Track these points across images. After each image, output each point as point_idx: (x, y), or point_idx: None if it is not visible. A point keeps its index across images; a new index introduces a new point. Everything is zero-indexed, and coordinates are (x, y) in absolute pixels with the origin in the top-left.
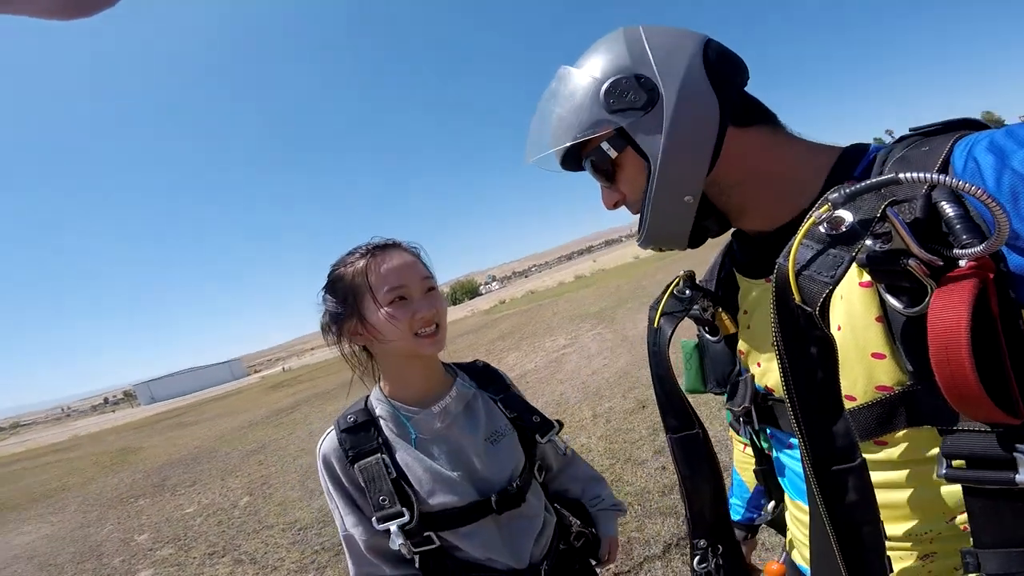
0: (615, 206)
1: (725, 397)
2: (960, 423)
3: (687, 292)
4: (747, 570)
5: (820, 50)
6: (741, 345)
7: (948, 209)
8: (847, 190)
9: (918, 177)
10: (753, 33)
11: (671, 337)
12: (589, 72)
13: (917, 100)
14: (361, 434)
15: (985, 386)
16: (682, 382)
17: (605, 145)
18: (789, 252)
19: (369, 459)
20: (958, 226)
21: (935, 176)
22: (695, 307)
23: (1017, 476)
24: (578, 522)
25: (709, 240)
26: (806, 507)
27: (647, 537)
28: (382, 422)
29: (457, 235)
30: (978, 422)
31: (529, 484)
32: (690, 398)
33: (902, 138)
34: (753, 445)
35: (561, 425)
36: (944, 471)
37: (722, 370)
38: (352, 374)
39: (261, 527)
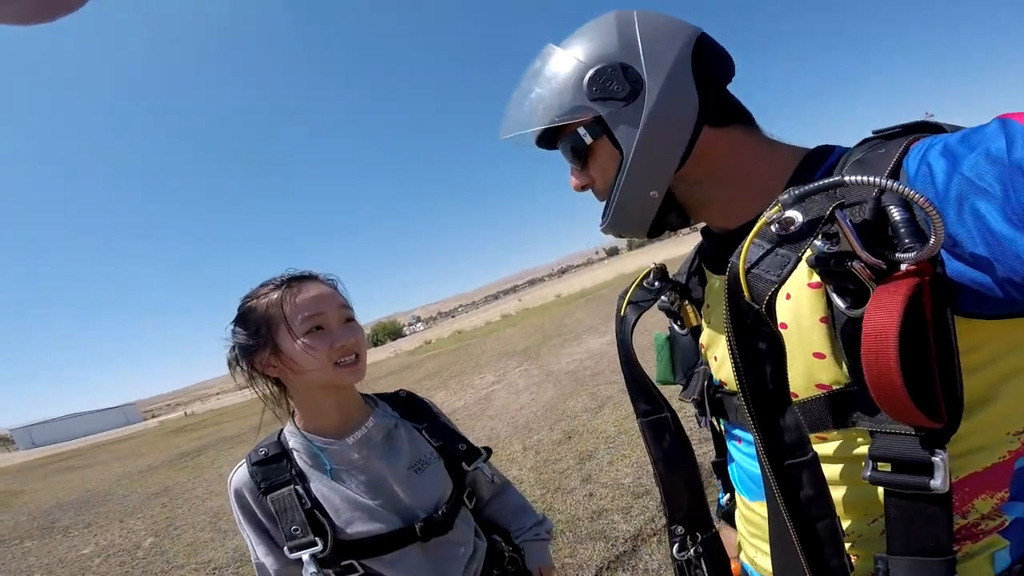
0: (582, 189)
1: (681, 389)
2: (888, 425)
3: (656, 284)
4: (727, 560)
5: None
6: (702, 338)
7: (895, 213)
8: (796, 191)
9: (861, 180)
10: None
11: (635, 324)
12: (575, 55)
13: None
14: (273, 466)
15: (913, 390)
16: (654, 373)
17: (582, 131)
18: (741, 250)
19: (281, 490)
20: (902, 230)
21: (878, 179)
22: (663, 299)
23: (932, 481)
24: (510, 548)
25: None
26: (751, 503)
27: (579, 562)
28: (295, 454)
29: (379, 276)
30: (903, 425)
31: (457, 511)
32: (664, 389)
33: (864, 140)
34: (714, 435)
35: (489, 452)
36: (868, 473)
37: (689, 362)
38: (262, 414)
39: (170, 567)
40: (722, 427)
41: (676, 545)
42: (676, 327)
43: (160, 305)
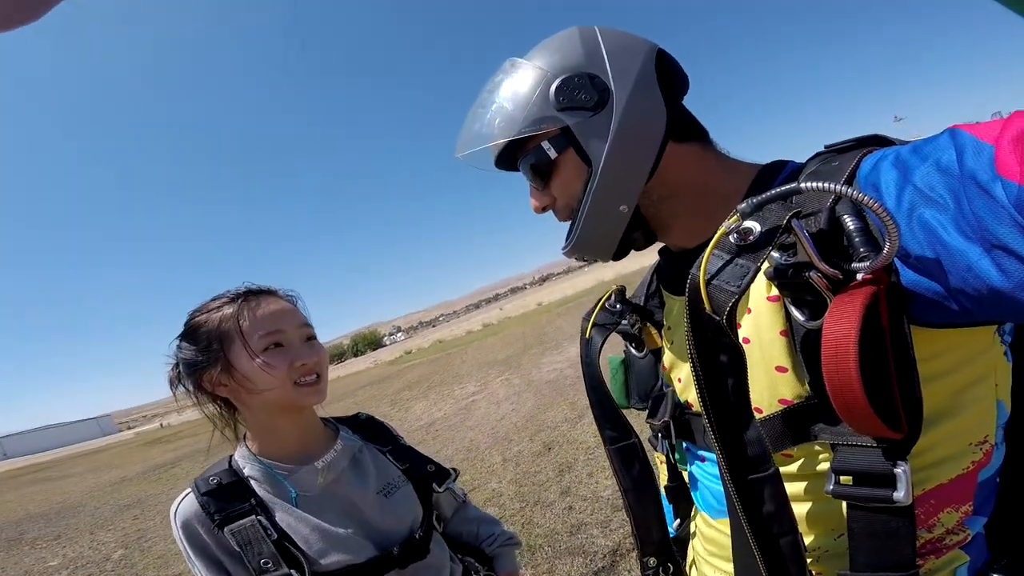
0: (543, 210)
1: (647, 412)
2: (849, 438)
3: (617, 306)
4: None
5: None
6: (664, 360)
7: (849, 222)
8: (753, 201)
9: (818, 187)
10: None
11: (601, 347)
12: (538, 66)
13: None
14: (228, 495)
15: (873, 400)
16: None
17: (546, 144)
18: (701, 262)
19: (242, 521)
20: (856, 239)
21: (834, 186)
22: (624, 321)
23: (895, 493)
24: (484, 568)
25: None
26: (714, 520)
27: (571, 569)
28: (253, 482)
29: (359, 286)
30: (865, 437)
31: (431, 534)
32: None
33: (817, 154)
34: (668, 461)
35: (457, 473)
36: (831, 487)
37: (645, 385)
38: (211, 437)
39: None
40: (680, 450)
41: None
42: (633, 350)
43: (136, 316)
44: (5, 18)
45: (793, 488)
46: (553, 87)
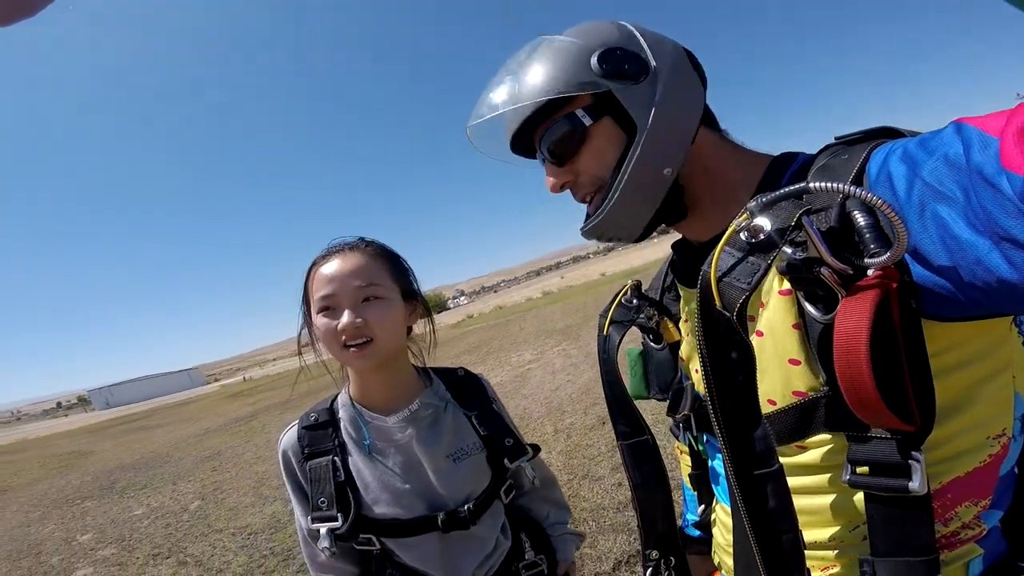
0: (561, 188)
1: (667, 405)
2: (864, 430)
3: (634, 301)
4: None
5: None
6: (682, 352)
7: (859, 219)
8: (763, 199)
9: (826, 187)
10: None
11: (619, 344)
12: (575, 40)
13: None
14: (319, 432)
15: (886, 393)
16: (627, 388)
17: (580, 112)
18: (712, 259)
19: (320, 459)
20: (867, 235)
21: (842, 186)
22: (641, 316)
23: (910, 483)
24: (532, 552)
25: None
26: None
27: (599, 553)
28: (342, 424)
29: (430, 248)
30: (880, 429)
31: (487, 507)
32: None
33: (827, 146)
34: (691, 449)
35: (536, 451)
36: (848, 477)
37: (664, 377)
38: (296, 382)
39: (210, 531)
40: (702, 442)
41: (650, 569)
42: (651, 342)
43: (230, 271)
44: (4, 13)
45: (809, 480)
46: (595, 56)
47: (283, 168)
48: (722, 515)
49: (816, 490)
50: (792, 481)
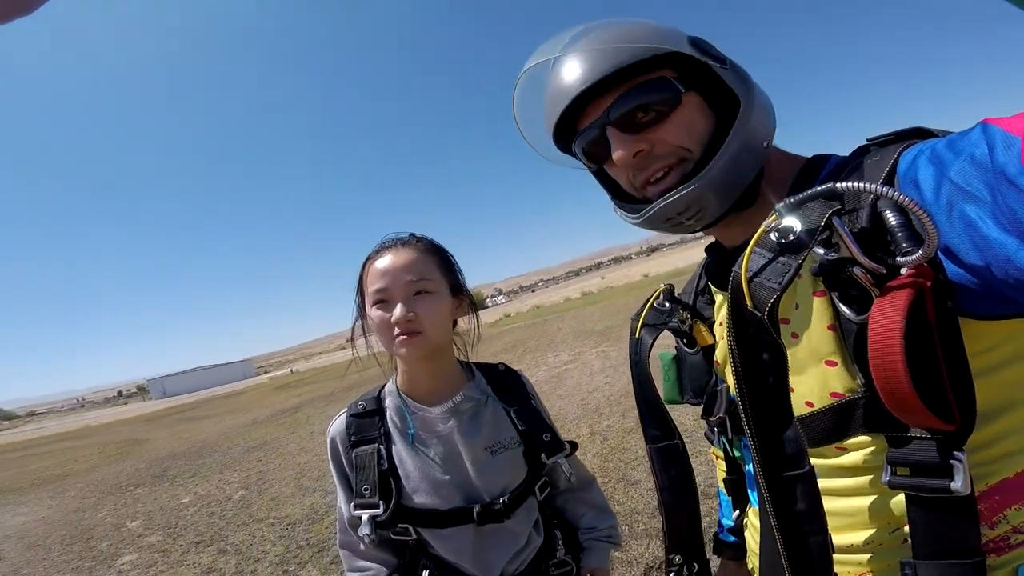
0: (635, 156)
1: (701, 409)
2: (903, 430)
3: (667, 304)
4: None
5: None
6: (717, 355)
7: (891, 218)
8: (792, 200)
9: (855, 186)
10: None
11: (651, 347)
12: (655, 23)
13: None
14: (367, 421)
15: (924, 393)
16: (660, 393)
17: (673, 79)
18: (742, 260)
19: (366, 447)
20: (899, 235)
21: (871, 186)
22: (673, 319)
23: (952, 483)
24: (563, 550)
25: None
26: None
27: (630, 558)
28: (388, 412)
29: (468, 247)
30: (920, 429)
31: (522, 502)
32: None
33: (859, 148)
34: (726, 455)
35: (574, 448)
36: (887, 478)
37: (698, 381)
38: (345, 373)
39: (251, 520)
40: (738, 446)
41: (672, 574)
42: (684, 347)
43: (285, 266)
44: (2, 11)
45: (849, 482)
46: (687, 37)
47: (323, 169)
48: (754, 519)
49: (855, 492)
50: (831, 483)
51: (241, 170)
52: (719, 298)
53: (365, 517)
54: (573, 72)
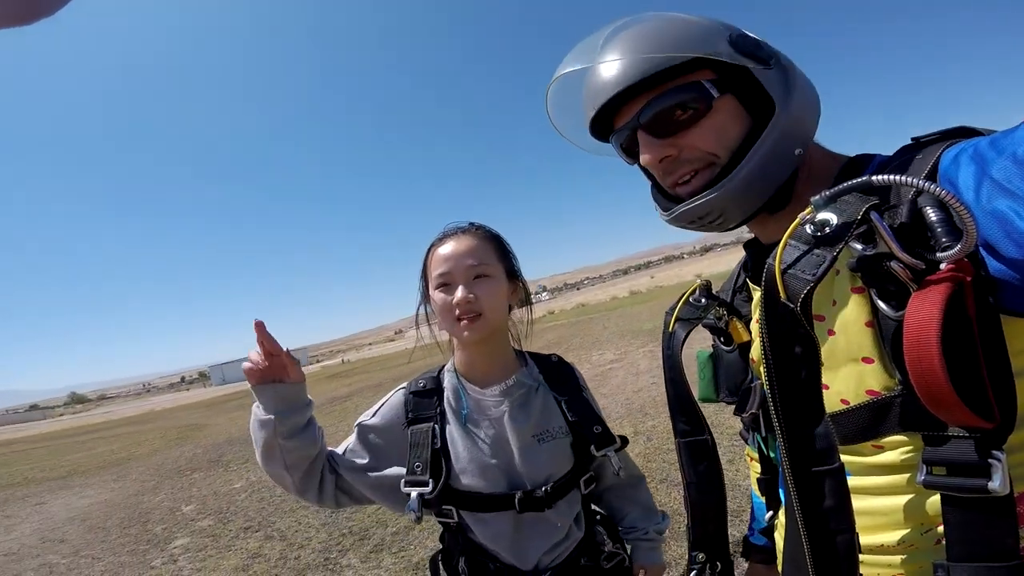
0: (661, 161)
1: (735, 405)
2: (941, 428)
3: (702, 300)
4: None
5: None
6: (752, 352)
7: (931, 214)
8: (827, 193)
9: (889, 179)
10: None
11: (684, 341)
12: (698, 19)
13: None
14: (425, 400)
15: (962, 389)
16: (696, 391)
17: (707, 83)
18: (776, 252)
19: (422, 425)
20: (939, 229)
21: (910, 179)
22: (709, 316)
23: (990, 483)
24: (612, 543)
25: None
26: None
27: (669, 559)
28: (445, 392)
29: (513, 241)
30: (958, 427)
31: (564, 493)
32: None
33: (904, 147)
34: (760, 455)
35: (624, 443)
36: (923, 477)
37: (734, 379)
38: (412, 356)
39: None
40: (772, 445)
41: (695, 572)
42: (720, 344)
43: (340, 258)
44: (22, 13)
45: (883, 480)
46: (731, 34)
47: (366, 163)
48: (783, 518)
49: (889, 491)
50: (864, 481)
51: (318, 170)
52: (756, 294)
53: (414, 495)
54: (605, 75)
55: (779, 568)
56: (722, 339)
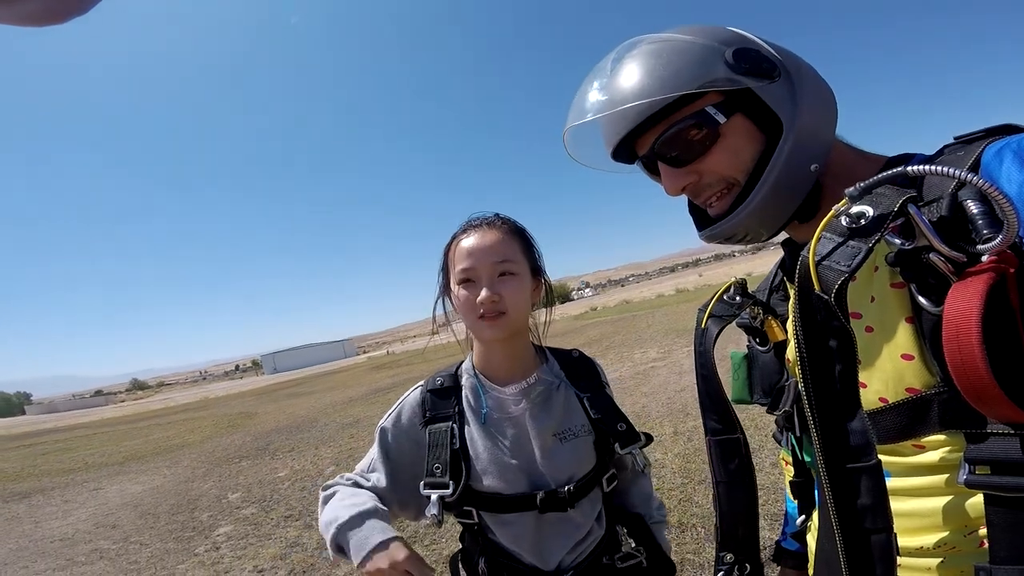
0: (682, 191)
1: (768, 404)
2: (984, 426)
3: (737, 298)
4: None
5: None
6: (788, 352)
7: (972, 207)
8: (861, 184)
9: (926, 169)
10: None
11: (716, 338)
12: (694, 38)
13: None
14: (443, 399)
15: (1007, 383)
16: (729, 392)
17: (712, 110)
18: (811, 244)
19: (440, 425)
20: (980, 221)
21: (945, 169)
22: (744, 315)
23: None
24: (632, 542)
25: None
26: None
27: (703, 561)
28: (464, 391)
29: (554, 238)
30: (1002, 424)
31: (587, 492)
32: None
33: (946, 146)
34: (794, 457)
35: (649, 440)
36: (965, 476)
37: (770, 380)
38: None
39: None
40: (808, 448)
41: (722, 572)
42: (756, 344)
43: (386, 251)
44: (58, 11)
45: (924, 481)
46: (730, 52)
47: (422, 156)
48: (816, 520)
49: (929, 492)
50: (904, 482)
51: (357, 166)
52: (792, 292)
53: (434, 497)
54: (610, 123)
55: (810, 571)
56: (757, 339)
